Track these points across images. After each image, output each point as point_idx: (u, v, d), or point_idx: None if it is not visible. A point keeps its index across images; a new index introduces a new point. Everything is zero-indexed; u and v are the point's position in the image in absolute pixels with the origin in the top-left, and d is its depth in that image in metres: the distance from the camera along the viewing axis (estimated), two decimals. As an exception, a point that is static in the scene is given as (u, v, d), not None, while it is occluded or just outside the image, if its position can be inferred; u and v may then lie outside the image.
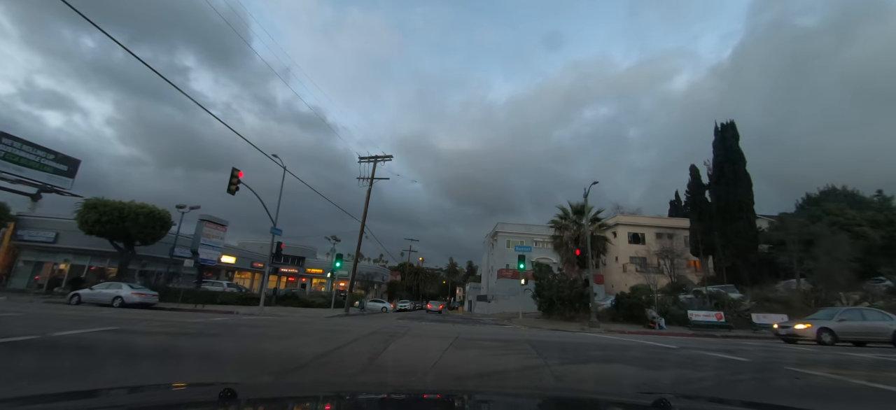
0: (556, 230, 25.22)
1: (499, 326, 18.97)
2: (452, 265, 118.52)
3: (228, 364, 5.27)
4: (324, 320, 16.58)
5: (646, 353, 8.53)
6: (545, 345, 9.05)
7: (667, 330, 19.17)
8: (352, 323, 14.95)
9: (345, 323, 14.77)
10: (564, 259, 23.84)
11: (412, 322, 18.73)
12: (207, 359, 5.49)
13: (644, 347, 9.99)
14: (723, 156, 36.04)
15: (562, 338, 12.08)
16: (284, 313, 20.17)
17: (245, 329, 10.25)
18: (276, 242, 21.20)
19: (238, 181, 17.56)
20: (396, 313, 36.84)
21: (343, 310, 25.28)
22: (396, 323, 17.07)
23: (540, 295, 23.49)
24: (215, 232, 25.41)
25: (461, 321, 23.15)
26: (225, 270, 40.69)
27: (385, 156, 28.91)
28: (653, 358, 7.60)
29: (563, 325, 20.11)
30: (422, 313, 39.02)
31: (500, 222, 45.02)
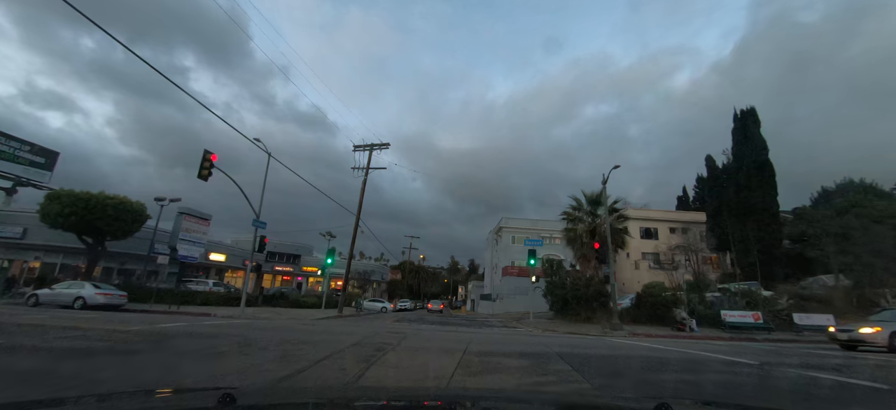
0: (569, 222, 22.97)
1: (509, 329, 16.76)
2: (454, 263, 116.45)
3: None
4: (308, 324, 14.39)
5: (724, 372, 6.29)
6: (583, 360, 6.83)
7: (699, 332, 16.92)
8: (339, 328, 12.74)
9: (330, 328, 12.56)
10: (579, 254, 21.60)
11: (410, 325, 16.52)
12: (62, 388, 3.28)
13: (706, 363, 7.74)
14: (743, 145, 33.73)
15: (594, 347, 9.85)
16: (267, 315, 17.99)
17: (194, 340, 8.05)
18: (259, 237, 19.01)
19: (211, 165, 15.36)
20: (396, 313, 34.66)
21: (337, 311, 23.10)
22: (392, 326, 14.86)
23: (552, 293, 21.26)
24: (197, 226, 23.27)
25: (465, 323, 20.92)
26: (215, 268, 38.59)
27: (381, 144, 26.70)
28: (748, 383, 5.35)
29: (581, 327, 17.89)
30: (422, 313, 36.86)
31: (505, 217, 42.78)
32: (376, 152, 26.74)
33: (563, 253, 41.89)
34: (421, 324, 17.17)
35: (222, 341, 7.72)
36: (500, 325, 18.59)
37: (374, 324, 15.97)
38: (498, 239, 45.84)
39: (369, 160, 26.41)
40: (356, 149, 26.70)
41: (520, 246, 41.62)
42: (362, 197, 25.77)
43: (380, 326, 14.59)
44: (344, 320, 19.02)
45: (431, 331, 12.79)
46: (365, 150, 26.64)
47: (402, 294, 59.59)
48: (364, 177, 26.01)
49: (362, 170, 26.19)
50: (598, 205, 21.93)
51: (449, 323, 19.15)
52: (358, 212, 25.42)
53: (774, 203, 32.02)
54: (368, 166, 26.29)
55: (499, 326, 18.26)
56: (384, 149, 26.70)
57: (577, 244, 21.62)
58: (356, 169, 26.37)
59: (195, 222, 23.18)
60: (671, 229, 40.84)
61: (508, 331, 15.71)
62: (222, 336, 8.82)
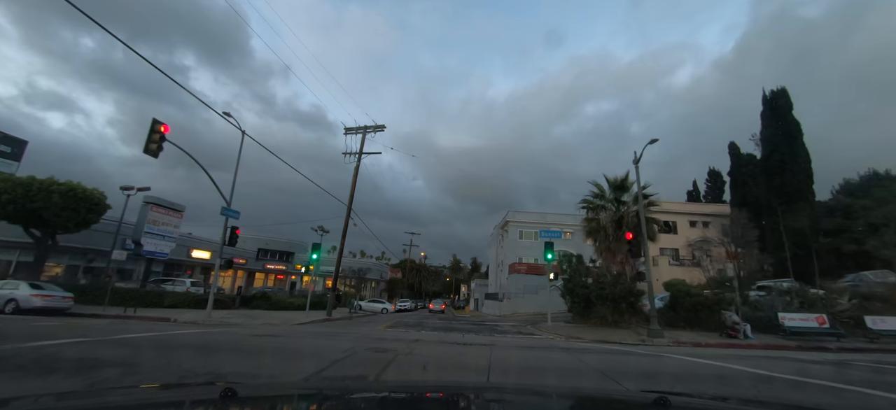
0: (590, 212, 20.07)
1: (527, 337, 13.90)
2: (456, 262, 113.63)
3: None
4: (276, 332, 11.57)
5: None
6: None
7: (755, 339, 14.03)
8: (311, 340, 9.92)
9: (299, 341, 9.74)
10: (603, 247, 18.71)
11: (407, 332, 13.69)
12: None
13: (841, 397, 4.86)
14: (775, 129, 30.75)
15: (654, 366, 6.99)
16: (238, 321, 15.20)
17: (95, 357, 5.21)
18: (230, 227, 16.21)
19: (162, 138, 12.53)
20: (394, 315, 31.90)
21: (325, 313, 20.31)
22: (384, 333, 12.03)
23: (571, 293, 18.39)
24: (167, 218, 20.52)
25: (473, 328, 18.09)
26: (200, 267, 35.86)
27: (376, 126, 23.86)
28: None
29: (610, 333, 15.01)
30: (423, 314, 34.04)
31: (512, 211, 39.88)
32: (371, 136, 23.94)
33: (576, 247, 38.98)
34: (420, 331, 14.35)
35: (138, 357, 4.86)
36: (514, 331, 15.75)
37: (362, 331, 13.16)
38: (503, 235, 42.94)
39: (362, 144, 23.60)
40: (347, 133, 23.88)
41: (528, 241, 38.74)
42: (354, 184, 22.95)
43: (368, 334, 11.78)
44: (331, 325, 16.23)
45: (434, 344, 9.94)
46: (357, 134, 23.83)
47: (402, 293, 56.79)
48: (356, 163, 23.20)
49: (354, 155, 23.38)
50: (623, 191, 19.02)
51: (454, 329, 16.30)
52: (349, 202, 22.61)
53: (810, 192, 29.08)
54: (361, 151, 23.48)
55: (513, 332, 15.42)
56: (379, 131, 23.86)
57: (601, 236, 18.72)
58: (348, 154, 23.57)
59: (164, 213, 20.42)
60: (691, 223, 37.88)
61: (528, 340, 12.87)
62: (145, 352, 6.01)
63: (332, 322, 18.37)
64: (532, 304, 30.96)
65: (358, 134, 23.79)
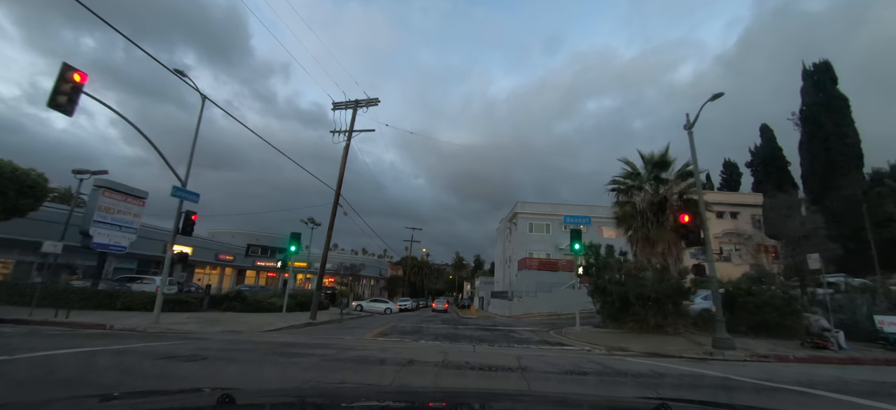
0: (621, 195, 16.84)
1: (558, 348, 10.75)
2: (459, 259, 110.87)
3: None
4: (226, 345, 8.46)
5: None
6: None
7: (851, 351, 10.83)
8: (255, 360, 6.83)
9: (236, 363, 6.64)
10: (639, 236, 15.52)
11: (402, 342, 10.59)
12: None
13: None
14: (818, 106, 27.38)
15: None
16: (191, 327, 12.14)
17: None
18: (184, 211, 13.16)
19: (74, 88, 9.45)
20: (397, 315, 28.84)
21: (309, 316, 17.27)
22: (368, 346, 8.90)
23: (602, 291, 15.22)
24: (123, 205, 17.51)
25: (485, 333, 15.02)
26: (181, 265, 32.88)
27: (369, 100, 20.74)
28: None
29: (658, 342, 11.86)
30: (425, 315, 30.93)
31: (520, 202, 36.66)
32: (362, 111, 20.83)
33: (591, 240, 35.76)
34: (418, 340, 11.25)
35: None
36: (538, 340, 12.58)
37: (343, 342, 10.06)
38: (511, 228, 39.76)
39: (353, 119, 20.50)
40: (336, 108, 20.78)
41: (539, 234, 35.56)
42: (343, 166, 19.86)
43: (348, 347, 8.69)
44: (309, 332, 13.18)
45: (435, 367, 6.79)
46: (348, 109, 20.72)
47: (403, 291, 53.77)
48: (346, 142, 20.09)
49: (343, 134, 20.28)
50: (663, 168, 15.78)
51: (460, 336, 13.18)
52: (338, 187, 19.52)
53: (861, 175, 25.73)
54: (352, 127, 20.38)
55: (537, 342, 12.26)
56: (372, 105, 20.74)
57: (636, 222, 15.51)
58: (337, 133, 20.47)
59: (120, 200, 17.40)
60: (718, 214, 34.57)
61: (564, 355, 9.72)
62: None
63: (314, 327, 15.33)
64: (546, 304, 27.83)
65: (348, 109, 20.69)
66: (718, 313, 11.07)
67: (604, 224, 36.57)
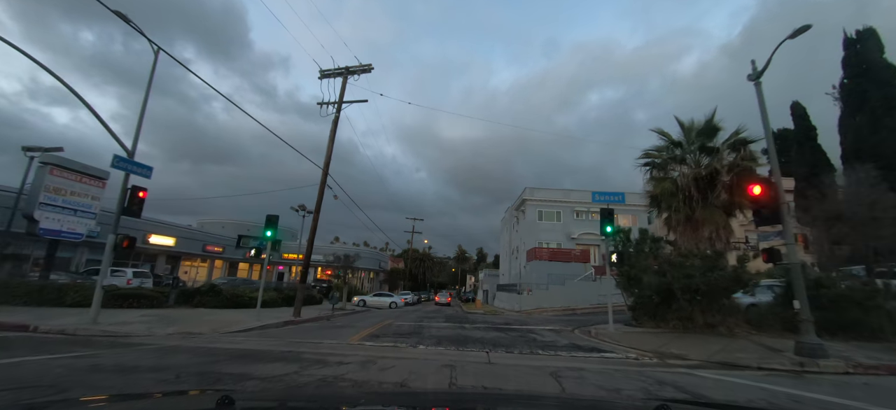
0: (656, 170, 14.28)
1: (597, 355, 8.29)
2: (461, 252, 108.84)
3: None
4: (160, 352, 6.04)
5: None
6: None
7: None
8: (164, 378, 4.27)
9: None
10: (680, 217, 13.00)
11: (396, 350, 8.16)
12: None
13: None
14: (862, 77, 24.67)
15: None
16: (135, 328, 9.79)
17: None
18: (129, 187, 10.72)
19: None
20: (401, 310, 26.56)
21: (292, 313, 14.94)
22: (345, 358, 6.43)
23: (637, 283, 12.76)
24: (78, 186, 15.13)
25: (499, 333, 12.63)
26: (165, 256, 30.72)
27: (361, 67, 18.18)
28: None
29: (720, 347, 9.41)
30: (427, 310, 28.63)
31: (529, 188, 34.08)
32: (353, 80, 18.28)
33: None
34: (417, 346, 8.84)
35: None
36: (566, 344, 10.12)
37: (319, 350, 7.65)
38: (519, 217, 37.25)
39: (343, 89, 17.98)
40: (324, 77, 18.25)
41: (550, 222, 33.05)
42: (332, 142, 17.38)
43: (319, 358, 6.28)
44: (281, 335, 10.81)
45: (440, 396, 4.34)
46: (337, 77, 18.19)
47: (404, 284, 51.54)
48: (336, 113, 17.58)
49: (331, 106, 17.77)
50: (711, 136, 13.17)
51: (469, 338, 10.77)
52: (326, 165, 17.05)
53: (914, 154, 23.03)
54: (342, 98, 17.85)
55: (566, 346, 9.80)
56: (365, 73, 18.18)
57: (677, 202, 12.97)
58: (325, 104, 17.96)
59: (74, 180, 15.00)
60: (743, 199, 31.89)
61: (608, 368, 7.27)
62: None
63: (294, 326, 12.98)
64: (559, 297, 25.42)
65: (338, 77, 18.15)
66: (804, 310, 8.55)
67: (618, 212, 34.01)
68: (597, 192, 12.33)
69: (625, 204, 13.24)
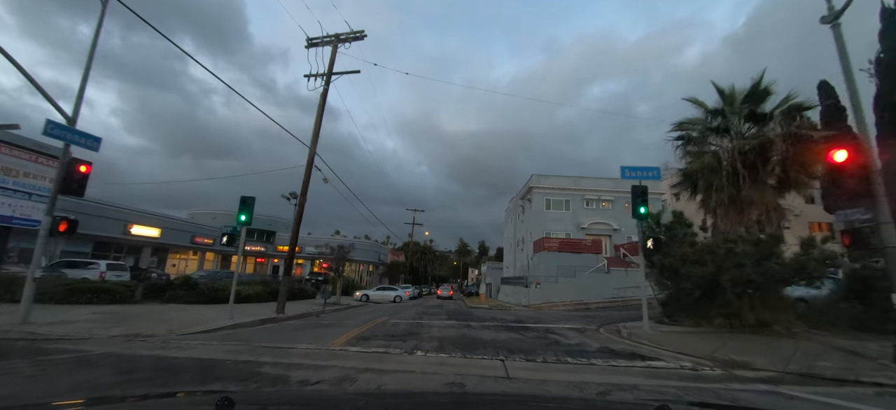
0: (690, 145, 12.38)
1: (641, 366, 6.48)
2: (463, 245, 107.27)
3: None
4: (77, 362, 4.26)
5: None
6: None
7: None
8: None
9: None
10: (720, 199, 11.12)
11: (383, 361, 6.35)
12: None
13: None
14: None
15: None
16: (79, 330, 8.04)
17: None
18: (68, 160, 8.91)
19: None
20: (404, 304, 24.94)
21: (276, 309, 13.20)
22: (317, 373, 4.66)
23: (673, 274, 10.92)
24: (33, 167, 13.29)
25: (512, 334, 10.90)
26: (151, 248, 29.04)
27: (353, 34, 16.25)
28: None
29: (788, 352, 7.63)
30: (428, 305, 26.94)
31: (536, 175, 32.15)
32: (344, 49, 16.36)
33: (617, 220, 31.31)
34: (415, 351, 7.09)
35: None
36: (597, 349, 8.29)
37: (295, 353, 5.88)
38: (524, 206, 35.39)
39: (333, 59, 16.06)
40: (312, 46, 16.32)
41: (558, 212, 31.18)
42: (320, 117, 15.52)
43: (287, 372, 4.48)
44: (265, 332, 9.04)
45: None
46: (326, 45, 16.27)
47: (405, 277, 49.93)
48: (324, 87, 15.69)
49: (318, 79, 15.87)
50: (759, 102, 11.24)
51: (478, 340, 9.00)
52: (313, 144, 15.20)
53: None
54: (331, 69, 15.95)
55: (598, 351, 7.99)
56: (357, 40, 16.25)
57: (718, 180, 11.09)
58: (312, 77, 16.06)
59: (28, 159, 13.15)
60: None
61: (662, 383, 5.46)
62: None
63: (273, 324, 11.24)
64: (570, 290, 23.66)
65: (327, 45, 16.24)
66: (907, 307, 6.73)
67: (629, 201, 32.13)
68: (627, 167, 10.36)
69: (660, 179, 11.29)
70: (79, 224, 9.28)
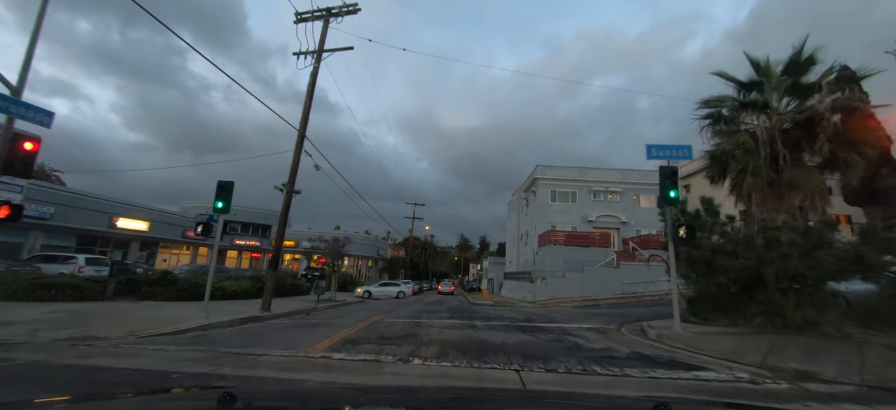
0: (720, 123, 11.09)
1: (696, 378, 5.26)
2: (464, 240, 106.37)
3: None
4: None
5: None
6: None
7: None
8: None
9: None
10: (761, 182, 9.85)
11: (371, 374, 5.14)
12: None
13: None
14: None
15: None
16: (21, 333, 6.85)
17: None
18: (10, 136, 7.71)
19: None
20: (403, 301, 23.83)
21: (260, 306, 12.04)
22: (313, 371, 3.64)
23: (706, 267, 9.69)
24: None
25: (525, 336, 9.77)
26: (140, 241, 27.89)
27: (346, 7, 14.94)
28: None
29: (854, 359, 6.37)
30: (427, 301, 25.84)
31: (541, 166, 30.85)
32: (336, 23, 15.06)
33: (626, 213, 30.04)
34: (410, 358, 5.89)
35: None
36: (627, 354, 7.06)
37: (265, 363, 4.64)
38: (529, 199, 34.14)
39: (324, 35, 14.78)
40: (301, 20, 15.02)
41: (564, 204, 29.97)
42: (310, 98, 14.27)
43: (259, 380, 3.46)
44: (240, 334, 7.87)
45: None
46: (316, 20, 14.97)
47: (405, 273, 48.81)
48: (315, 65, 14.42)
49: (308, 58, 14.59)
50: (803, 71, 9.96)
51: (486, 343, 7.85)
52: (302, 126, 13.95)
53: None
54: (322, 47, 14.67)
55: (626, 357, 6.80)
56: (350, 13, 14.94)
57: (755, 161, 9.83)
58: (302, 55, 14.78)
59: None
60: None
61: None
62: None
63: (258, 323, 10.07)
64: (577, 286, 22.48)
65: (317, 20, 14.94)
66: None
67: (640, 191, 30.87)
68: (654, 145, 9.10)
69: (692, 158, 10.05)
70: (23, 209, 8.06)
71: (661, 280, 23.34)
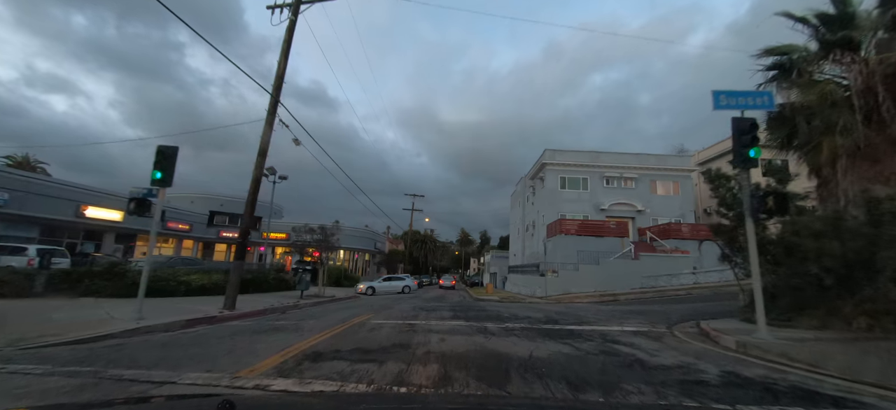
0: (795, 74, 8.87)
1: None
2: (465, 235, 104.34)
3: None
4: None
5: None
6: None
7: None
8: None
9: None
10: (848, 144, 7.65)
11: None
12: None
13: None
14: None
15: None
16: None
17: None
18: None
19: None
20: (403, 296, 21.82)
21: (224, 304, 9.93)
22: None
23: (787, 253, 7.50)
24: None
25: (563, 347, 7.59)
26: (115, 233, 25.77)
27: (329, -48, 12.62)
28: None
29: None
30: (426, 297, 23.78)
31: (549, 150, 28.56)
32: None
33: (642, 201, 27.78)
34: (393, 388, 3.69)
35: None
36: (719, 374, 4.98)
37: (182, 384, 2.66)
38: (536, 187, 31.93)
39: (302, -16, 12.48)
40: (278, -31, 12.71)
41: (575, 191, 27.81)
42: (286, 57, 12.03)
43: None
44: (177, 340, 5.67)
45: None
46: (294, -33, 12.67)
47: (405, 267, 46.72)
48: (291, 16, 12.17)
49: (285, 11, 12.34)
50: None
51: (507, 359, 5.82)
52: (276, 88, 11.71)
53: None
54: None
55: (717, 376, 4.70)
56: (333, -42, 12.63)
57: (844, 116, 7.66)
58: (277, 8, 12.52)
59: None
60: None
61: None
62: None
63: (210, 325, 7.94)
64: (592, 279, 20.37)
65: (294, -33, 12.63)
66: None
67: (657, 177, 28.65)
68: (723, 92, 6.88)
69: (773, 108, 7.83)
70: None
71: (684, 272, 21.22)
